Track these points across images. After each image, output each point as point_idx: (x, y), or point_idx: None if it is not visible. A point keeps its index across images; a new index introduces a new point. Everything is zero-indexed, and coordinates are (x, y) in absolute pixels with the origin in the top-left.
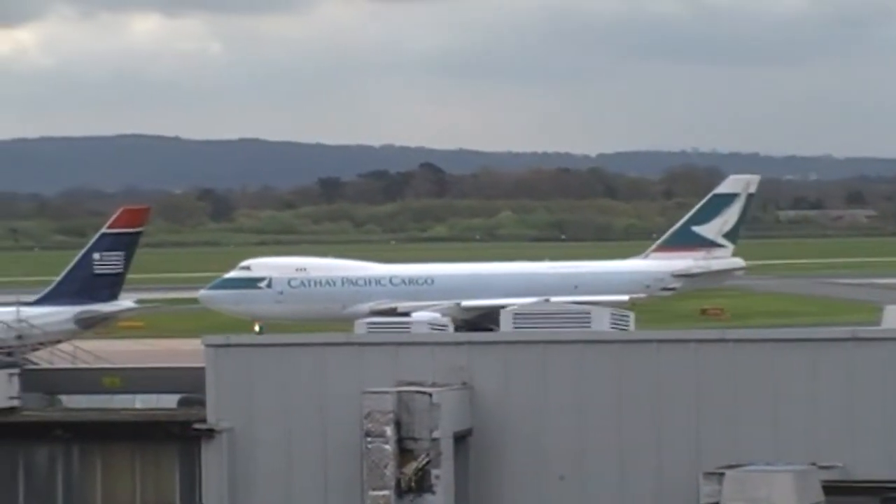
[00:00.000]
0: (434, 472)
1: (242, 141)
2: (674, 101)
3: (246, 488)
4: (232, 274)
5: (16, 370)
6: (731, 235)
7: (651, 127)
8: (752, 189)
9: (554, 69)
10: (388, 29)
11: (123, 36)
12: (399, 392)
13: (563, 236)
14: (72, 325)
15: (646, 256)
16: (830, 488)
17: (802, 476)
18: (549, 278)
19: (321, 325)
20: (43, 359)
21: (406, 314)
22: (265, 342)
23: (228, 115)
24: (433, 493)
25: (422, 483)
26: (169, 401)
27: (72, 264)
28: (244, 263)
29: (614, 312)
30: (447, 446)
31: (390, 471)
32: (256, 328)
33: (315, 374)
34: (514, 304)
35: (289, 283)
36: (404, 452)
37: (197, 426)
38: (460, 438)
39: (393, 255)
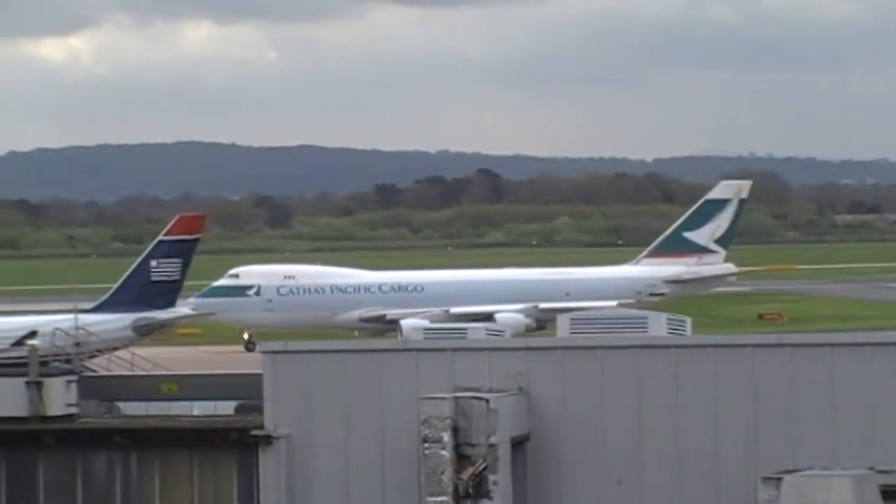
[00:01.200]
0: (491, 477)
1: (299, 147)
2: (730, 106)
3: (304, 495)
4: (221, 282)
5: (74, 377)
6: (722, 241)
7: (707, 132)
8: (744, 194)
9: (610, 74)
10: (441, 35)
11: (177, 43)
12: (456, 398)
13: (619, 241)
14: (129, 333)
15: (637, 262)
16: (889, 493)
17: (860, 481)
18: (539, 285)
19: (310, 333)
20: (101, 366)
21: (395, 321)
22: (323, 348)
23: (285, 122)
24: (490, 498)
25: (479, 489)
26: (226, 407)
27: (129, 271)
28: (233, 271)
29: (671, 317)
30: (504, 452)
31: (448, 477)
32: (245, 336)
33: (372, 381)
34: (502, 311)
35: (277, 290)
36: (461, 458)
37: (255, 433)
38: (518, 444)
39: (449, 260)
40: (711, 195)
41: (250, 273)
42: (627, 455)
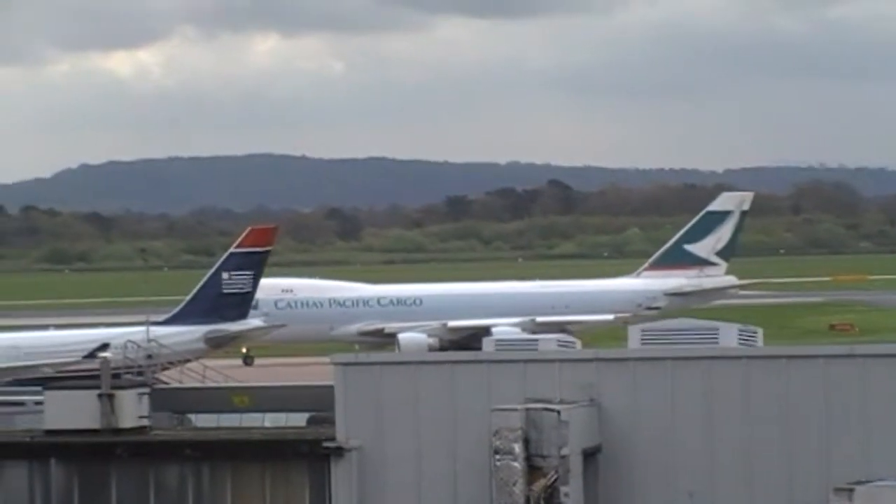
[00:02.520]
0: (563, 489)
1: (370, 159)
2: (800, 117)
3: None
4: None
5: (146, 390)
6: (724, 253)
7: (778, 142)
8: (746, 206)
9: (679, 85)
10: (507, 47)
11: (244, 56)
12: (527, 409)
13: None
14: (201, 345)
15: (638, 275)
16: None
17: None
18: (539, 298)
19: (308, 347)
20: (173, 378)
21: (393, 335)
22: (393, 360)
23: (355, 134)
24: None
25: (550, 500)
26: (298, 419)
27: (201, 284)
28: None
29: (742, 328)
30: (576, 463)
31: (519, 488)
32: (243, 350)
33: (443, 392)
34: (499, 325)
35: (275, 304)
36: (533, 470)
37: (326, 444)
38: (589, 455)
39: (523, 272)
40: (712, 207)
41: None
42: (699, 466)
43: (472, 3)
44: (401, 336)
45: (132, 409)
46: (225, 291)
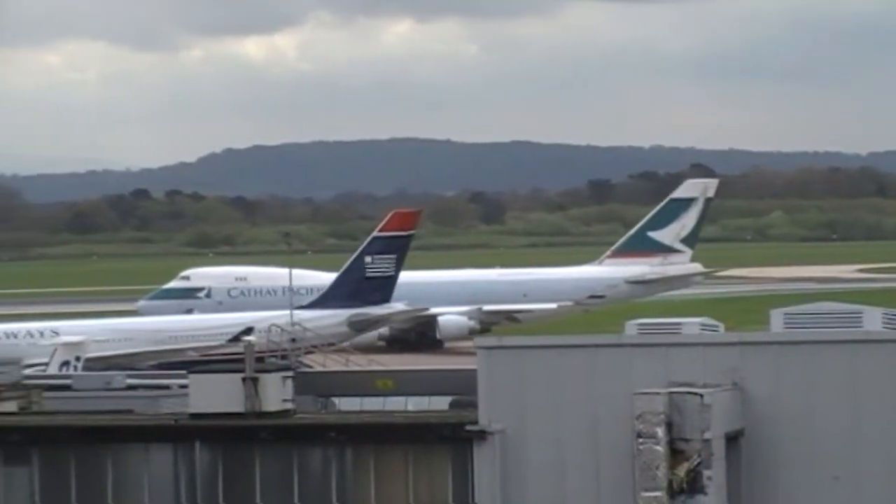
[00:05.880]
0: (706, 472)
1: (513, 143)
2: None
3: (518, 489)
4: (171, 284)
5: (290, 373)
6: (689, 240)
7: None
8: (711, 193)
9: (821, 67)
10: (641, 29)
11: (379, 40)
12: (670, 393)
13: (834, 236)
14: (344, 328)
15: (600, 263)
16: None
17: None
18: (497, 286)
19: None
20: (316, 362)
21: None
22: (536, 343)
23: (497, 118)
24: (705, 494)
25: (694, 484)
26: (441, 403)
27: (344, 268)
28: (184, 273)
29: (886, 312)
30: (719, 447)
31: (662, 472)
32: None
33: (586, 376)
34: (446, 313)
35: (228, 292)
36: (676, 453)
37: (469, 428)
38: (732, 439)
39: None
40: (676, 194)
41: (201, 275)
42: (843, 451)
43: None
44: None
45: (276, 393)
46: (368, 275)
